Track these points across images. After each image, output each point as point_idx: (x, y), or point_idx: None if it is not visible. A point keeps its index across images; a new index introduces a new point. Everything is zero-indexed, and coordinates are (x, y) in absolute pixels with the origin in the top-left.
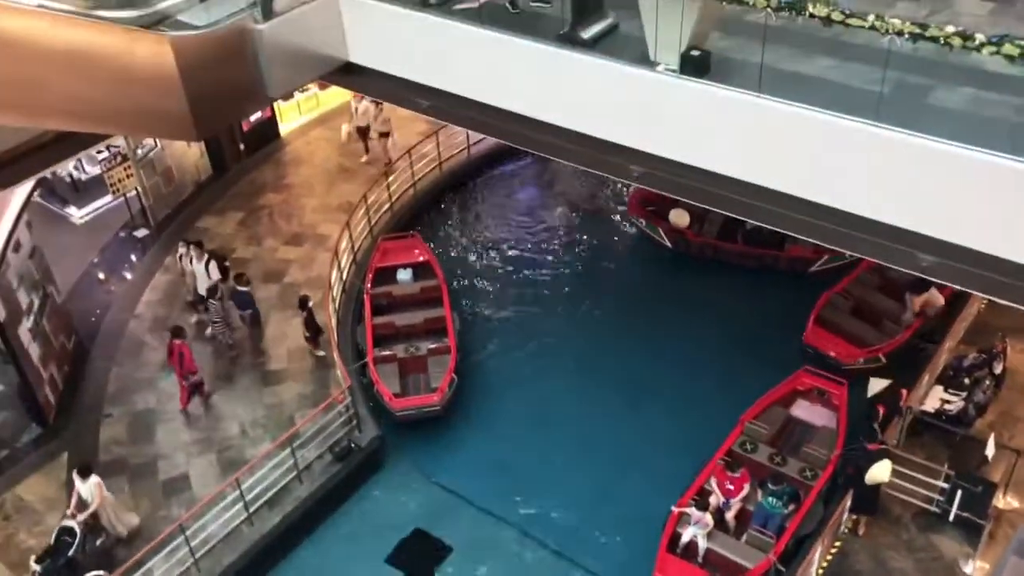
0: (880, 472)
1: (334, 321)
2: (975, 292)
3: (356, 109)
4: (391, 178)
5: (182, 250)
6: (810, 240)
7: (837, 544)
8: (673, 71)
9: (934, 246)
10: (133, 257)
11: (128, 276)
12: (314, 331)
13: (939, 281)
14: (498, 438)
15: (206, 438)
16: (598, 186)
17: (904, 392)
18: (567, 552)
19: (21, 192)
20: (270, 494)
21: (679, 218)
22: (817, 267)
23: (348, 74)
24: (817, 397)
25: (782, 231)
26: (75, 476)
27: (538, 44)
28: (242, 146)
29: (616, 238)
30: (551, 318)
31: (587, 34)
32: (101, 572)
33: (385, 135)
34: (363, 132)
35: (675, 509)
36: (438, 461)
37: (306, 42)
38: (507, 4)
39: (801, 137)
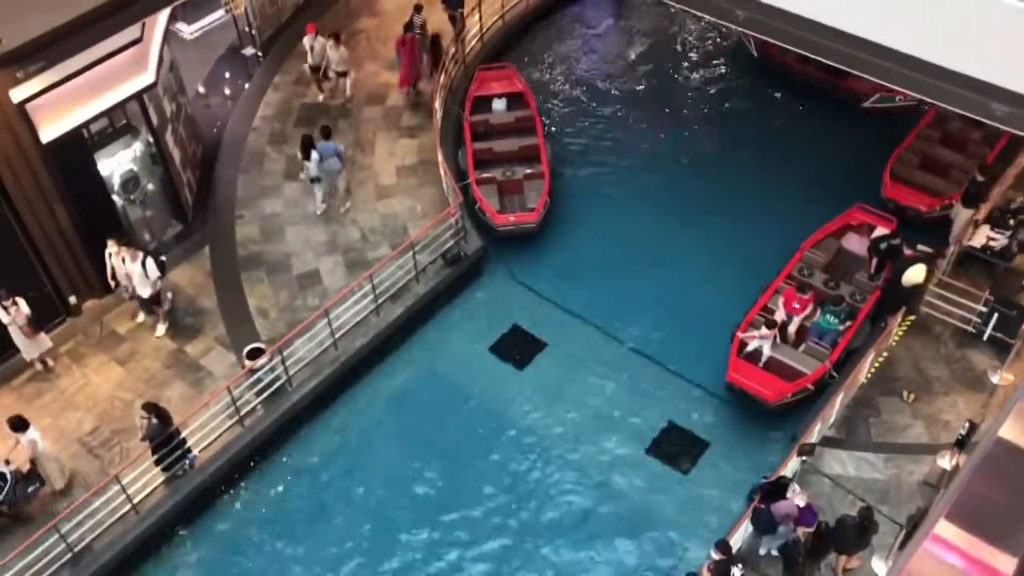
0: (915, 274)
1: (439, 143)
2: None
3: (311, 48)
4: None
5: (112, 249)
6: (901, 89)
7: (884, 354)
8: None
9: (1007, 96)
10: (244, 74)
11: (241, 91)
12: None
13: (1009, 129)
14: (585, 252)
15: (332, 240)
16: (673, 18)
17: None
18: (645, 351)
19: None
20: (393, 290)
21: None
22: (869, 103)
23: None
24: (867, 231)
25: (871, 77)
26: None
27: None
28: None
29: (695, 68)
30: (636, 144)
31: None
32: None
33: (343, 74)
34: (317, 71)
35: (740, 335)
36: (533, 270)
37: None
38: None
39: None
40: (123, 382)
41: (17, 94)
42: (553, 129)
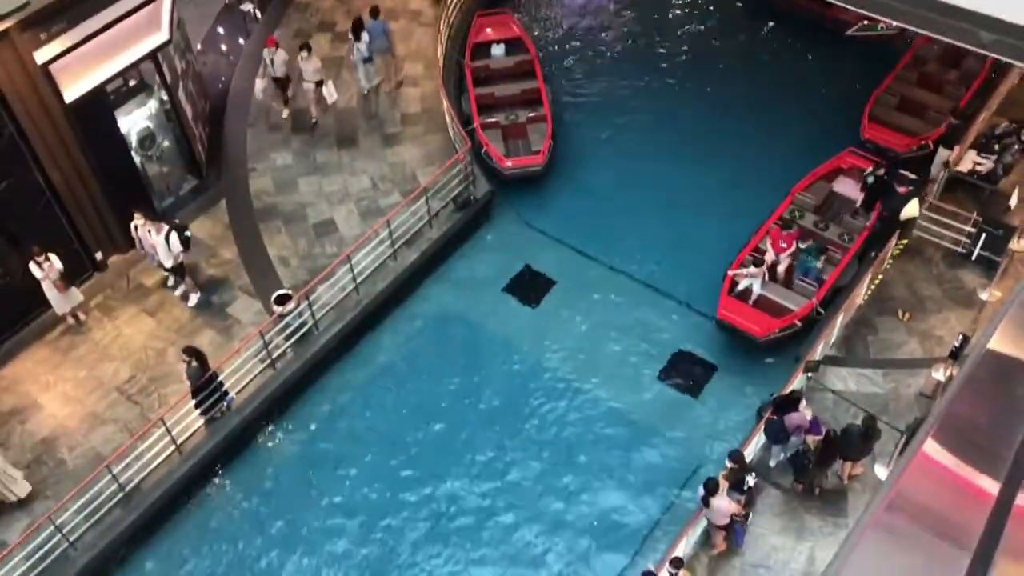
0: (911, 209)
1: (443, 90)
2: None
3: (271, 60)
4: None
5: (138, 221)
6: (883, 17)
7: (879, 277)
8: None
9: (994, 24)
10: (243, 29)
11: (243, 47)
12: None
13: (993, 55)
14: (589, 192)
15: (343, 190)
16: None
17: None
18: (651, 282)
19: None
20: (408, 236)
21: None
22: (853, 31)
23: None
24: (858, 175)
25: (855, 7)
26: None
27: None
28: None
29: (686, 6)
30: (631, 85)
31: None
32: None
33: (320, 84)
34: (282, 84)
35: (730, 272)
36: (539, 212)
37: None
38: None
39: None
40: (154, 332)
41: (41, 55)
42: (553, 73)
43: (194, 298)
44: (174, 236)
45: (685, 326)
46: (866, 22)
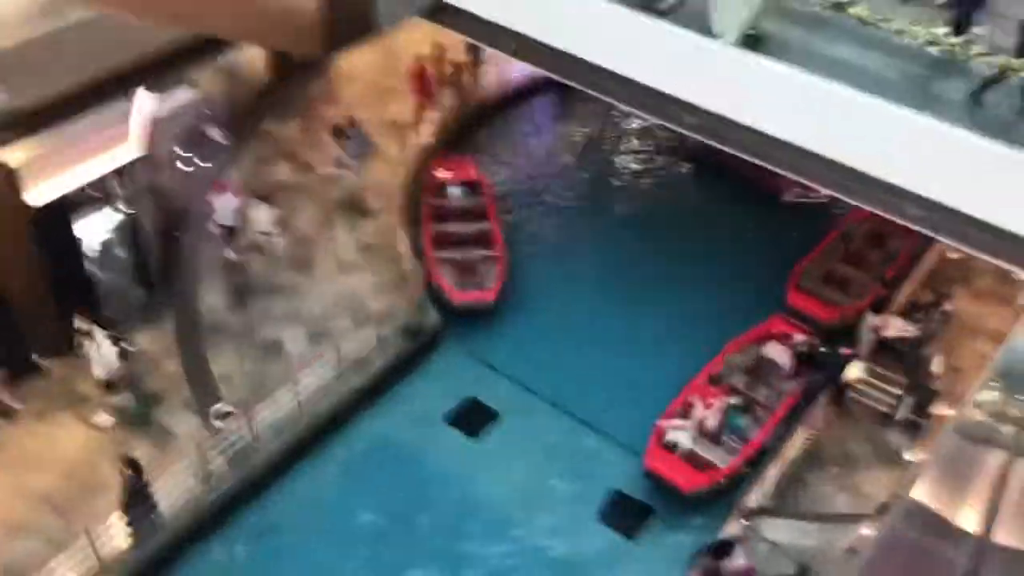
0: (852, 371)
1: (400, 223)
2: (948, 242)
3: (221, 207)
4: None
5: (80, 324)
6: (826, 189)
7: (809, 437)
8: (731, 44)
9: (922, 202)
10: (208, 152)
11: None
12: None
13: (922, 230)
14: (536, 329)
15: (295, 312)
16: (612, 118)
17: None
18: (592, 421)
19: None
20: (355, 360)
21: None
22: (790, 197)
23: (444, 13)
24: (786, 340)
25: (798, 178)
26: None
27: (620, 7)
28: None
29: (634, 159)
30: (585, 232)
31: (663, 5)
32: None
33: (268, 234)
34: (228, 234)
35: (660, 423)
36: (487, 345)
37: None
38: None
39: (830, 106)
40: (88, 442)
41: (8, 158)
42: (508, 215)
43: (104, 418)
44: (107, 345)
45: (624, 467)
46: (799, 190)
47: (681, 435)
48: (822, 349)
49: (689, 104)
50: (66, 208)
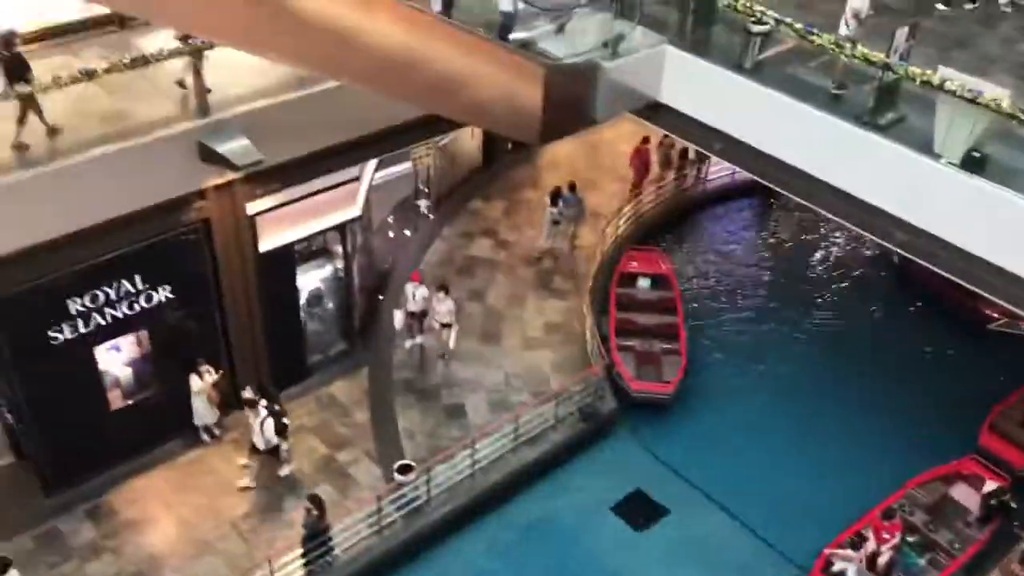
0: None
1: (588, 307)
2: None
3: (412, 295)
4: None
5: (247, 394)
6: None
7: None
8: (953, 164)
9: None
10: (415, 223)
11: (412, 238)
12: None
13: None
14: (710, 430)
15: (478, 380)
16: (818, 228)
17: None
18: (761, 532)
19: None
20: (531, 435)
21: None
22: (995, 326)
23: (655, 111)
24: (977, 483)
25: (1011, 307)
26: None
27: (837, 119)
28: (509, 145)
29: (833, 273)
30: (769, 338)
31: (882, 120)
32: None
33: (447, 326)
34: (417, 318)
35: (827, 551)
36: (660, 440)
37: (632, 81)
38: (832, 91)
39: None
40: (278, 477)
41: (252, 207)
42: (693, 311)
43: (247, 480)
44: (269, 422)
45: None
46: (1007, 319)
47: (849, 567)
48: (1005, 499)
49: (900, 220)
50: (292, 257)
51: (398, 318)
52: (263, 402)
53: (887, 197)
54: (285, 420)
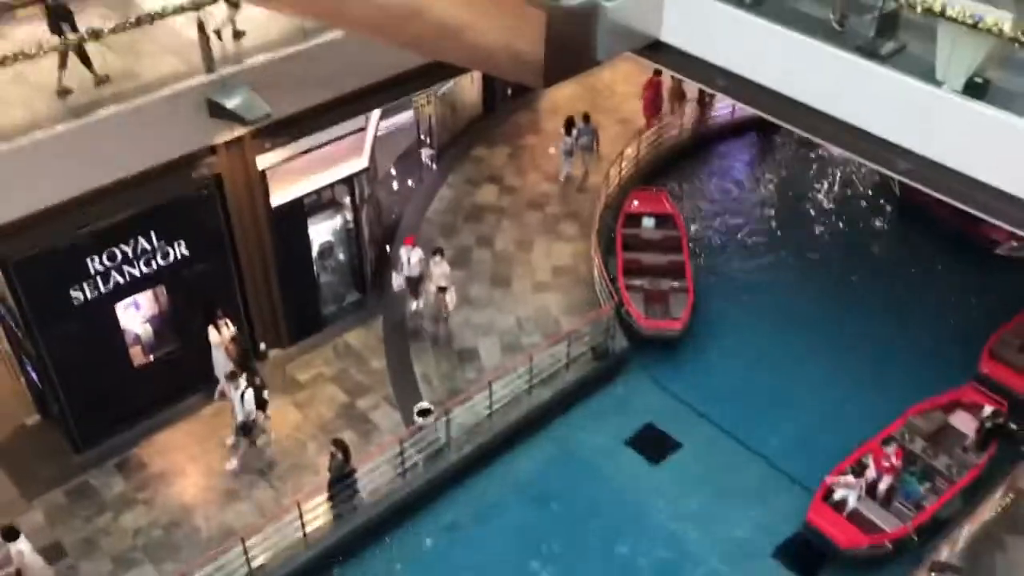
0: None
1: (596, 248)
2: None
3: (408, 259)
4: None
5: (230, 368)
6: None
7: (1010, 496)
8: (956, 91)
9: None
10: (419, 172)
11: (417, 186)
12: None
13: None
14: (717, 363)
15: (490, 324)
16: (808, 160)
17: None
18: (771, 458)
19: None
20: (544, 375)
21: None
22: (1004, 251)
23: (656, 50)
24: (976, 411)
25: (1018, 231)
26: None
27: (839, 51)
28: (509, 91)
29: (836, 204)
30: (773, 272)
31: (883, 50)
32: None
33: (443, 289)
34: (413, 283)
35: (828, 479)
36: (671, 374)
37: (633, 20)
38: (834, 23)
39: None
40: (300, 425)
41: (262, 161)
42: (698, 249)
43: (234, 462)
44: (249, 394)
45: (802, 506)
46: (1015, 243)
47: (850, 494)
48: (1012, 424)
49: (904, 149)
50: (301, 210)
51: (396, 282)
52: (243, 375)
53: (890, 126)
54: (265, 394)
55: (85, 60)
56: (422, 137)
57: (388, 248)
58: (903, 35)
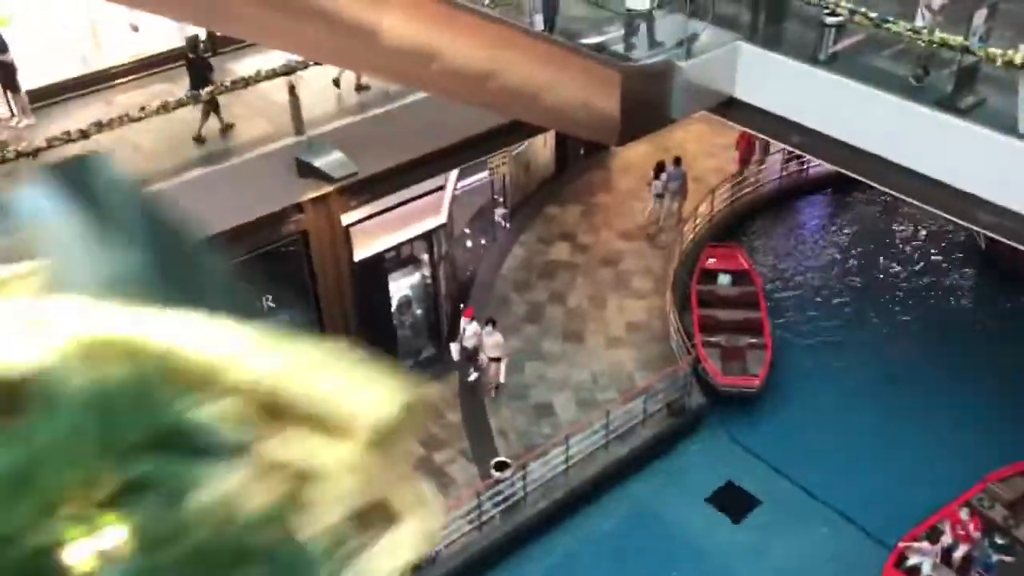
0: None
1: (671, 305)
2: None
3: (464, 330)
4: (716, 193)
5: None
6: None
7: None
8: None
9: None
10: (493, 230)
11: (491, 245)
12: None
13: None
14: (796, 420)
15: (564, 379)
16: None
17: None
18: (855, 519)
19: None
20: (621, 431)
21: None
22: None
23: (730, 107)
24: None
25: None
26: None
27: (919, 106)
28: (582, 151)
29: (918, 261)
30: (855, 329)
31: (963, 104)
32: None
33: (496, 359)
34: (469, 354)
35: (902, 544)
36: (747, 430)
37: (706, 79)
38: (912, 79)
39: None
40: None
41: (347, 218)
42: (776, 304)
43: None
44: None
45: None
46: None
47: (924, 560)
48: None
49: (985, 200)
50: (383, 265)
51: (454, 350)
52: None
53: (971, 179)
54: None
55: (216, 109)
56: (496, 197)
57: (462, 305)
58: (982, 88)
